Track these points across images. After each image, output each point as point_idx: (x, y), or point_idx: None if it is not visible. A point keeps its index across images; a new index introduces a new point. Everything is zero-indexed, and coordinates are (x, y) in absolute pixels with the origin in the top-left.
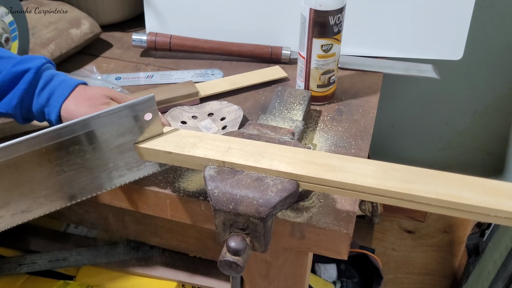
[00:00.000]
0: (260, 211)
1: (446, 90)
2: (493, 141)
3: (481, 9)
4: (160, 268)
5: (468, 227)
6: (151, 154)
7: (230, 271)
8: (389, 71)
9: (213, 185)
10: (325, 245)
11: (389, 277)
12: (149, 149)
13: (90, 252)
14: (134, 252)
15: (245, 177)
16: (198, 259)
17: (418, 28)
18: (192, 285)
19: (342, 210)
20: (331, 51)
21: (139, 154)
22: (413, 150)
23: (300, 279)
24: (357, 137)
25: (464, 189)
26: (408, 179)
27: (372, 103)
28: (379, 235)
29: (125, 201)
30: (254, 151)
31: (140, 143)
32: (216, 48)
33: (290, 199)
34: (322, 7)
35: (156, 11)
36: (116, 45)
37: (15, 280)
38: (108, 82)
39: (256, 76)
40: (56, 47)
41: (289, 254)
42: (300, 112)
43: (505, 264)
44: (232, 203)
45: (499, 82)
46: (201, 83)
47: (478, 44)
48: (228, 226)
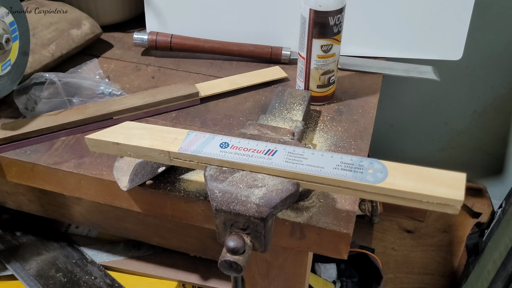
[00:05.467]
0: (260, 211)
1: (445, 90)
2: (493, 141)
3: (481, 9)
4: (161, 268)
5: (468, 226)
6: (100, 145)
7: (230, 271)
8: (389, 72)
9: (213, 185)
10: (325, 245)
11: (389, 277)
12: (98, 140)
13: (91, 251)
14: (134, 252)
15: (246, 177)
16: (199, 258)
17: (417, 29)
18: (193, 284)
19: (342, 209)
20: (331, 52)
21: (89, 145)
22: (412, 150)
23: (300, 279)
24: (356, 137)
25: (398, 176)
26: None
27: (372, 103)
28: (378, 235)
29: (125, 201)
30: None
31: (89, 135)
32: (216, 48)
33: (290, 199)
34: (322, 7)
35: (157, 12)
36: (117, 46)
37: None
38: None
39: (256, 76)
40: (57, 47)
41: (289, 254)
42: (300, 112)
43: (504, 263)
44: (233, 203)
45: (499, 82)
46: (201, 83)
47: (478, 45)
48: (228, 226)
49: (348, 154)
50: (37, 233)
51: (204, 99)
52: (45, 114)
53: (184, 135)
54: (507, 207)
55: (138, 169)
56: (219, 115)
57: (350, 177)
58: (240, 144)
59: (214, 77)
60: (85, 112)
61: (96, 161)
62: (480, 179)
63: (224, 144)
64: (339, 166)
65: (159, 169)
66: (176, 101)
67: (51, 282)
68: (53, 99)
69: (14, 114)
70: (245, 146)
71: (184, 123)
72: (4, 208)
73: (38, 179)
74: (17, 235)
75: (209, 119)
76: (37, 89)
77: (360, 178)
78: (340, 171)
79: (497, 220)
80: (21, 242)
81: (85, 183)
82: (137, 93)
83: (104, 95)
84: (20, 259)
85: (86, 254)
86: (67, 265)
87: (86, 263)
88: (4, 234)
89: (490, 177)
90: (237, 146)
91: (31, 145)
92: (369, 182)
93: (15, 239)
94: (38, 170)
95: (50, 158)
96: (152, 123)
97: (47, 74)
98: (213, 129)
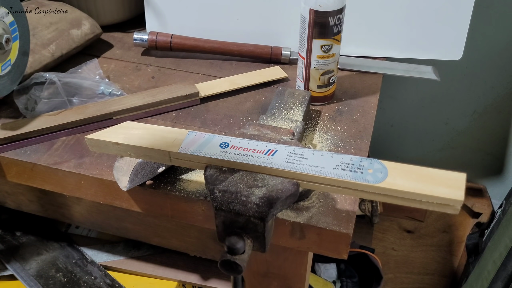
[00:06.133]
0: (260, 211)
1: (445, 90)
2: (493, 141)
3: (481, 9)
4: (161, 268)
5: (468, 226)
6: (100, 145)
7: (230, 271)
8: (389, 72)
9: (213, 185)
10: (325, 245)
11: (389, 277)
12: (98, 140)
13: (91, 251)
14: (134, 252)
15: (246, 177)
16: (199, 258)
17: (417, 29)
18: (193, 284)
19: (342, 209)
20: (331, 52)
21: (89, 145)
22: (412, 150)
23: (300, 279)
24: (356, 137)
25: (398, 176)
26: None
27: (372, 103)
28: (378, 235)
29: (125, 201)
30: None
31: (89, 135)
32: (216, 48)
33: (290, 199)
34: (322, 7)
35: (157, 12)
36: (117, 46)
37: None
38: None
39: (256, 76)
40: (57, 47)
41: (289, 254)
42: (300, 112)
43: (504, 263)
44: (233, 203)
45: (499, 82)
46: (201, 83)
47: (478, 45)
48: (228, 226)
49: (348, 154)
50: (37, 233)
51: (204, 99)
52: (45, 114)
53: (184, 135)
54: (507, 207)
55: (138, 169)
56: (219, 115)
57: (350, 177)
58: (240, 144)
59: (214, 77)
60: (85, 112)
61: (96, 161)
62: (480, 179)
63: (224, 144)
64: (339, 166)
65: (159, 169)
66: (176, 101)
67: (51, 282)
68: (53, 99)
69: (14, 114)
70: (245, 146)
71: (184, 123)
72: (4, 208)
73: (38, 179)
74: (17, 235)
75: (209, 119)
76: (37, 89)
77: (360, 178)
78: (340, 171)
79: (497, 220)
80: (21, 242)
81: (85, 183)
82: (137, 93)
83: (104, 95)
84: (20, 259)
85: (86, 254)
86: (67, 265)
87: (86, 263)
88: (4, 234)
89: (490, 177)
90: (237, 146)
91: (31, 145)
92: (369, 182)
93: (15, 239)
94: (38, 170)
95: (50, 158)
96: (152, 123)
97: (47, 74)
98: (213, 129)
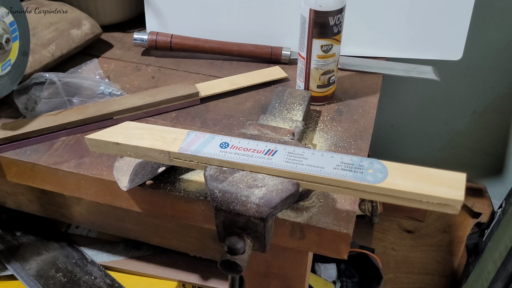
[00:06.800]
0: (260, 211)
1: (445, 90)
2: (493, 141)
3: (481, 9)
4: (161, 268)
5: (468, 226)
6: (100, 145)
7: (230, 271)
8: (389, 72)
9: (213, 185)
10: (325, 245)
11: (389, 277)
12: (98, 140)
13: (91, 251)
14: (134, 252)
15: (246, 177)
16: (199, 258)
17: (417, 29)
18: (193, 284)
19: (342, 210)
20: (331, 52)
21: (89, 145)
22: (412, 150)
23: (300, 279)
24: (356, 137)
25: (398, 176)
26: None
27: (372, 103)
28: (378, 235)
29: (125, 201)
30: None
31: (89, 135)
32: (216, 48)
33: (290, 199)
34: (322, 7)
35: (157, 12)
36: (117, 46)
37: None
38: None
39: (256, 76)
40: (57, 47)
41: (289, 254)
42: (300, 112)
43: (504, 263)
44: (233, 203)
45: (499, 82)
46: (201, 83)
47: (478, 45)
48: (228, 226)
49: (348, 154)
50: (37, 233)
51: (204, 99)
52: (45, 114)
53: (184, 135)
54: (507, 207)
55: (138, 169)
56: (219, 115)
57: (350, 177)
58: (240, 144)
59: (214, 77)
60: (85, 112)
61: (96, 161)
62: (480, 179)
63: (224, 144)
64: (339, 166)
65: (159, 169)
66: (176, 101)
67: (51, 282)
68: (53, 99)
69: (14, 114)
70: (245, 146)
71: (184, 123)
72: (4, 208)
73: (38, 179)
74: (17, 235)
75: (209, 119)
76: (37, 89)
77: (360, 178)
78: (340, 171)
79: (497, 220)
80: (21, 242)
81: (85, 183)
82: (137, 93)
83: (104, 95)
84: (20, 259)
85: (86, 254)
86: (67, 265)
87: (86, 263)
88: (4, 234)
89: (490, 177)
90: (237, 146)
91: (31, 145)
92: (369, 182)
93: (15, 239)
94: (38, 170)
95: (50, 158)
96: (152, 123)
97: (47, 74)
98: (213, 129)
